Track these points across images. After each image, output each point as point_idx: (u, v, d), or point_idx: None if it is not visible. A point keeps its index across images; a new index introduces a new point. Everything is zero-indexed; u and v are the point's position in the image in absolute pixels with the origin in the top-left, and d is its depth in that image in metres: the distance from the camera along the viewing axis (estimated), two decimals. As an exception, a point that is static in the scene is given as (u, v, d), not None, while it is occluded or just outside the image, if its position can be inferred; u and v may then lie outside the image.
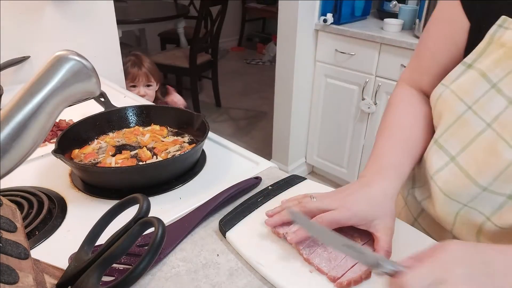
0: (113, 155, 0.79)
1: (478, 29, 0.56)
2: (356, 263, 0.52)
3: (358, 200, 0.53)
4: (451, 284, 0.38)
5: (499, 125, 0.50)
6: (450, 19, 0.60)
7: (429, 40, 0.65)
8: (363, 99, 2.03)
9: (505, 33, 0.51)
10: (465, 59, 0.56)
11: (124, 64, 1.58)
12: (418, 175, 0.68)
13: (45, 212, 0.64)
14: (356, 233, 0.56)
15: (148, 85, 1.90)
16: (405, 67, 0.73)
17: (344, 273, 0.50)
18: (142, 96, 1.82)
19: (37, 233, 0.61)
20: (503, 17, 0.52)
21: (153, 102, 1.90)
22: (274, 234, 0.58)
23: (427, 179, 0.60)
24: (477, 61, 0.54)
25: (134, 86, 1.87)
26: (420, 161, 0.63)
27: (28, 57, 1.25)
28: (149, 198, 0.43)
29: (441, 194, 0.57)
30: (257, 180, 0.73)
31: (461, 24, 0.58)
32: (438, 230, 0.63)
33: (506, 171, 0.49)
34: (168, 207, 0.68)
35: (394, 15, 2.03)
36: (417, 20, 1.85)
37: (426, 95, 0.67)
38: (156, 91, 1.93)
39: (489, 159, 0.51)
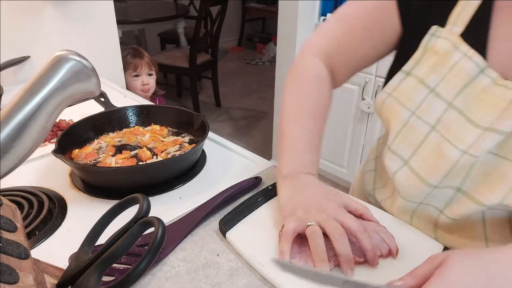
0: (113, 155, 0.79)
1: (410, 35, 0.60)
2: None
3: (327, 197, 0.56)
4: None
5: (443, 127, 0.54)
6: (384, 21, 0.62)
7: (354, 20, 0.65)
8: (363, 99, 2.03)
9: (437, 41, 0.55)
10: (404, 67, 0.59)
11: (123, 57, 1.59)
12: (379, 177, 0.69)
13: (45, 212, 0.64)
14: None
15: (150, 74, 1.94)
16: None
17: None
18: (145, 85, 1.85)
19: (37, 233, 0.61)
20: (434, 26, 0.56)
21: (153, 93, 1.94)
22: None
23: (387, 180, 0.63)
24: (414, 69, 0.58)
25: (136, 76, 1.89)
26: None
27: (28, 57, 1.25)
28: (149, 198, 0.43)
29: (398, 197, 0.60)
30: (257, 180, 0.73)
31: (394, 28, 0.62)
32: None
33: (453, 170, 0.53)
34: (168, 207, 0.68)
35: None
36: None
37: (332, 72, 0.69)
38: None
39: (437, 160, 0.54)
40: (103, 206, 0.66)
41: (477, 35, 0.53)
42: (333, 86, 0.71)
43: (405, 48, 0.61)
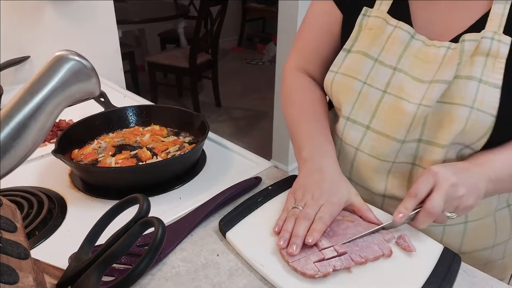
0: (113, 155, 0.79)
1: (348, 19, 0.69)
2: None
3: (331, 189, 0.60)
4: (460, 187, 0.53)
5: (393, 88, 0.62)
6: (325, 12, 0.73)
7: (309, 33, 0.76)
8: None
9: (369, 20, 0.66)
10: (345, 46, 0.68)
11: None
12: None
13: (45, 212, 0.64)
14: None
15: None
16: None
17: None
18: None
19: (37, 233, 0.61)
20: (364, 8, 0.67)
21: None
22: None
23: (351, 153, 0.69)
24: (354, 46, 0.66)
25: None
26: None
27: (28, 57, 1.25)
28: (149, 198, 0.43)
29: (372, 159, 0.65)
30: (257, 180, 0.73)
31: (335, 16, 0.71)
32: (367, 196, 0.69)
33: (414, 122, 0.60)
34: (168, 207, 0.68)
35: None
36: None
37: (313, 78, 0.78)
38: None
39: (398, 117, 0.61)
40: (103, 206, 0.66)
41: (400, 10, 0.64)
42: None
43: (345, 30, 0.70)
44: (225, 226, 0.60)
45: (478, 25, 0.58)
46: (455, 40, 0.59)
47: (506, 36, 0.56)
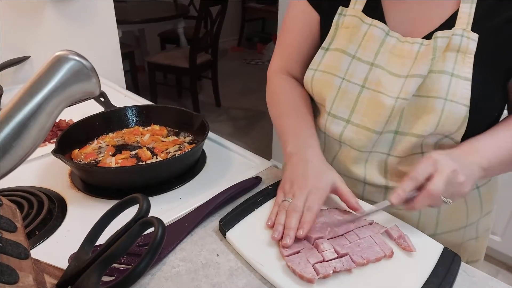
0: (113, 155, 0.79)
1: (325, 19, 0.72)
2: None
3: (316, 176, 0.62)
4: (460, 175, 0.55)
5: (371, 83, 0.65)
6: (303, 14, 0.75)
7: (290, 34, 0.78)
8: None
9: (345, 19, 0.69)
10: (323, 45, 0.71)
11: None
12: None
13: (45, 212, 0.64)
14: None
15: None
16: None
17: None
18: None
19: (37, 233, 0.61)
20: (340, 7, 0.69)
21: None
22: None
23: (334, 146, 0.72)
24: (332, 44, 0.69)
25: None
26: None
27: (28, 57, 1.25)
28: (149, 198, 0.43)
29: (352, 151, 0.69)
30: (257, 180, 0.73)
31: (313, 16, 0.74)
32: (349, 183, 0.70)
33: (392, 114, 0.63)
34: (168, 207, 0.68)
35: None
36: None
37: (297, 79, 0.81)
38: None
39: (377, 110, 0.64)
40: (103, 206, 0.66)
41: (374, 9, 0.67)
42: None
43: (323, 30, 0.73)
44: (225, 226, 0.60)
45: (448, 23, 0.62)
46: (427, 37, 0.63)
47: (474, 33, 0.60)
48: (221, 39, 3.26)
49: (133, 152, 0.81)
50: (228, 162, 0.83)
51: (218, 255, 0.58)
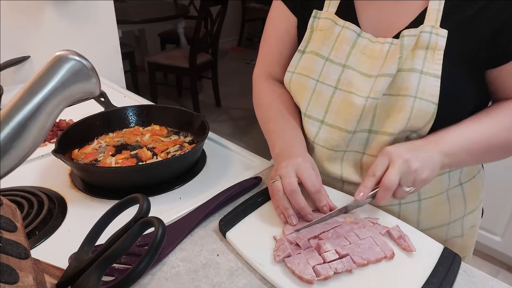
0: (113, 155, 0.79)
1: (302, 22, 0.73)
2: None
3: (297, 163, 0.64)
4: (413, 162, 0.57)
5: (343, 84, 0.67)
6: (283, 17, 0.77)
7: (271, 39, 0.81)
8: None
9: (319, 22, 0.70)
10: (299, 48, 0.72)
11: None
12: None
13: (45, 212, 0.64)
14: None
15: None
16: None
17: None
18: None
19: (37, 233, 0.61)
20: (314, 10, 0.70)
21: None
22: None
23: (310, 146, 0.73)
24: (307, 47, 0.71)
25: None
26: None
27: (28, 57, 1.25)
28: (149, 198, 0.43)
29: (326, 150, 0.70)
30: (257, 180, 0.73)
31: (291, 20, 0.76)
32: (329, 181, 0.73)
33: (363, 114, 0.65)
34: (168, 207, 0.68)
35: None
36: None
37: (280, 82, 0.81)
38: None
39: (348, 110, 0.66)
40: (103, 206, 0.66)
41: (347, 10, 0.68)
42: None
43: (300, 33, 0.74)
44: (225, 226, 0.60)
45: (418, 21, 0.63)
46: (397, 36, 0.64)
47: (443, 30, 0.61)
48: (221, 39, 3.26)
49: (133, 152, 0.81)
50: (228, 162, 0.83)
51: (218, 255, 0.58)
